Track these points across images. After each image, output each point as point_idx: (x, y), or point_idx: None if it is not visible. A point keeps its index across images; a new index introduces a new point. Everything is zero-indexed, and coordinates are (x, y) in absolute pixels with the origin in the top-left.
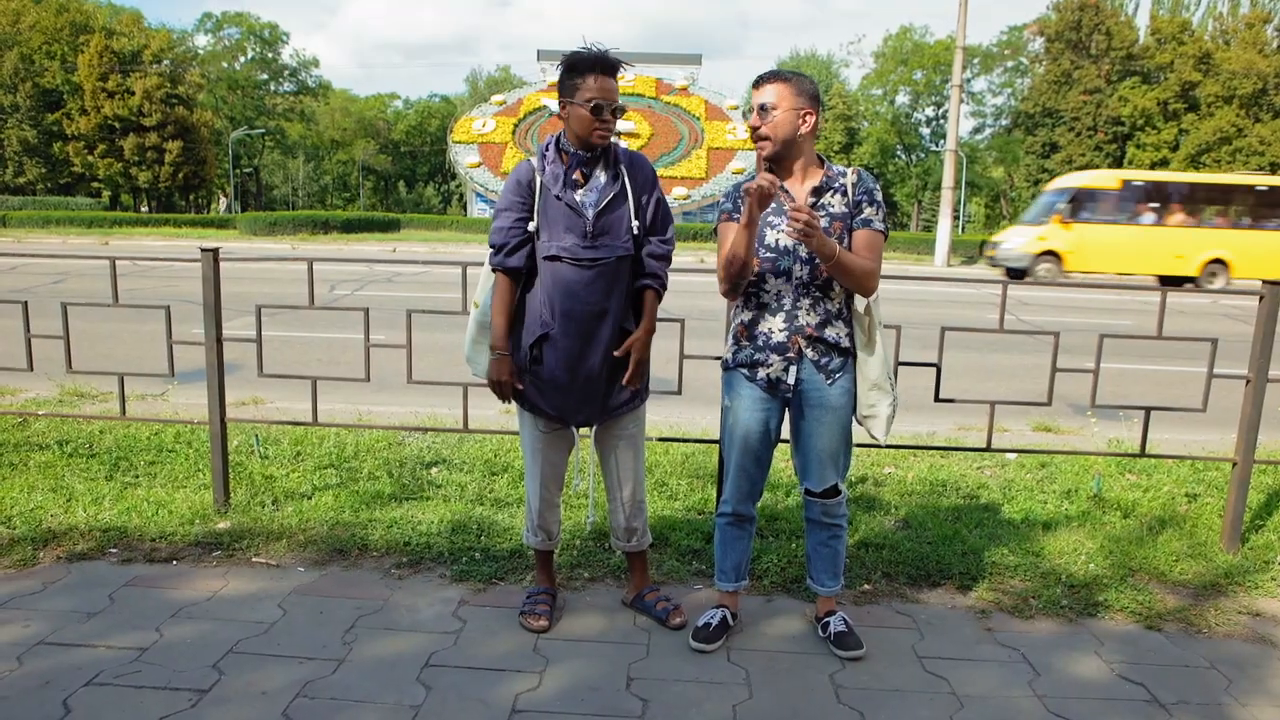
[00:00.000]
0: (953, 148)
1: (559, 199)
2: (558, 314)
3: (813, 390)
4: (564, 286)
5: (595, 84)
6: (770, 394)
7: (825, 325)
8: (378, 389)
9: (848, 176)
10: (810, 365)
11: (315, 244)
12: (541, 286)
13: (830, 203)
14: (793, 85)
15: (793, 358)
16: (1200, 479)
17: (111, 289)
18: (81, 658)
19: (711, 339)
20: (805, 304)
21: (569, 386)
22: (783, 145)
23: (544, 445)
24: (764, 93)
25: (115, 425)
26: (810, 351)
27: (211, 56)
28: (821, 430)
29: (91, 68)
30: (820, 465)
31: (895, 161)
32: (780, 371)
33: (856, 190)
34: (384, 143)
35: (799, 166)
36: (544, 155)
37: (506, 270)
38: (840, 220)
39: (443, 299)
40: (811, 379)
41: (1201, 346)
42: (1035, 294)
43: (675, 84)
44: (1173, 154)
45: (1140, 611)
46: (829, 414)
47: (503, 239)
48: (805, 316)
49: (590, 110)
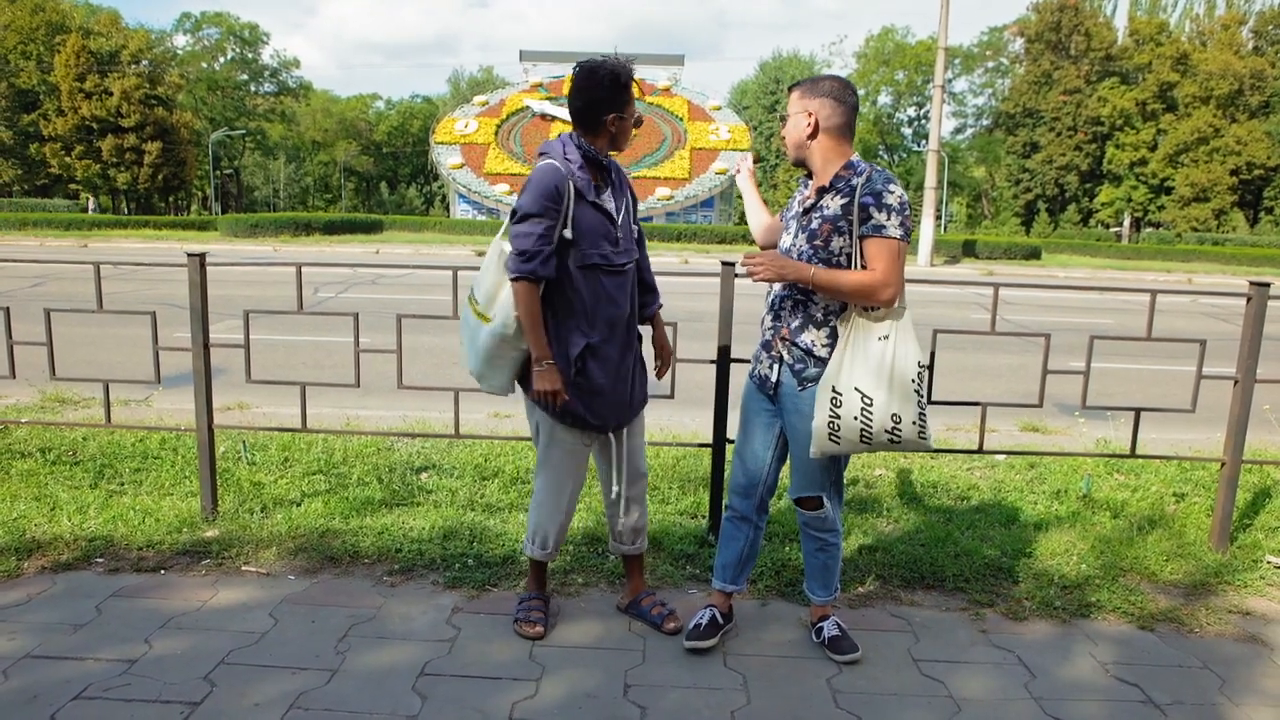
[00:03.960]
0: (935, 148)
1: (595, 206)
2: (599, 323)
3: (789, 395)
4: (605, 294)
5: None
6: (762, 392)
7: (803, 330)
8: (366, 393)
9: (859, 177)
10: (787, 369)
11: (298, 245)
12: (578, 296)
13: (826, 204)
14: (802, 90)
15: (775, 357)
16: (1188, 479)
17: (96, 294)
18: (69, 671)
19: (701, 341)
20: (788, 306)
21: (612, 393)
22: (794, 150)
23: (580, 459)
24: (788, 100)
25: (99, 432)
26: (787, 355)
27: (191, 57)
28: (795, 436)
29: (68, 68)
30: (795, 471)
31: (878, 161)
32: (766, 370)
33: (862, 193)
34: (366, 144)
35: (820, 168)
36: (566, 158)
37: (539, 279)
38: (829, 223)
39: (430, 301)
40: (788, 382)
41: (1186, 345)
42: (1018, 294)
43: (658, 84)
44: (1151, 154)
45: (1132, 612)
46: (799, 420)
47: (535, 246)
48: (787, 317)
49: (635, 123)
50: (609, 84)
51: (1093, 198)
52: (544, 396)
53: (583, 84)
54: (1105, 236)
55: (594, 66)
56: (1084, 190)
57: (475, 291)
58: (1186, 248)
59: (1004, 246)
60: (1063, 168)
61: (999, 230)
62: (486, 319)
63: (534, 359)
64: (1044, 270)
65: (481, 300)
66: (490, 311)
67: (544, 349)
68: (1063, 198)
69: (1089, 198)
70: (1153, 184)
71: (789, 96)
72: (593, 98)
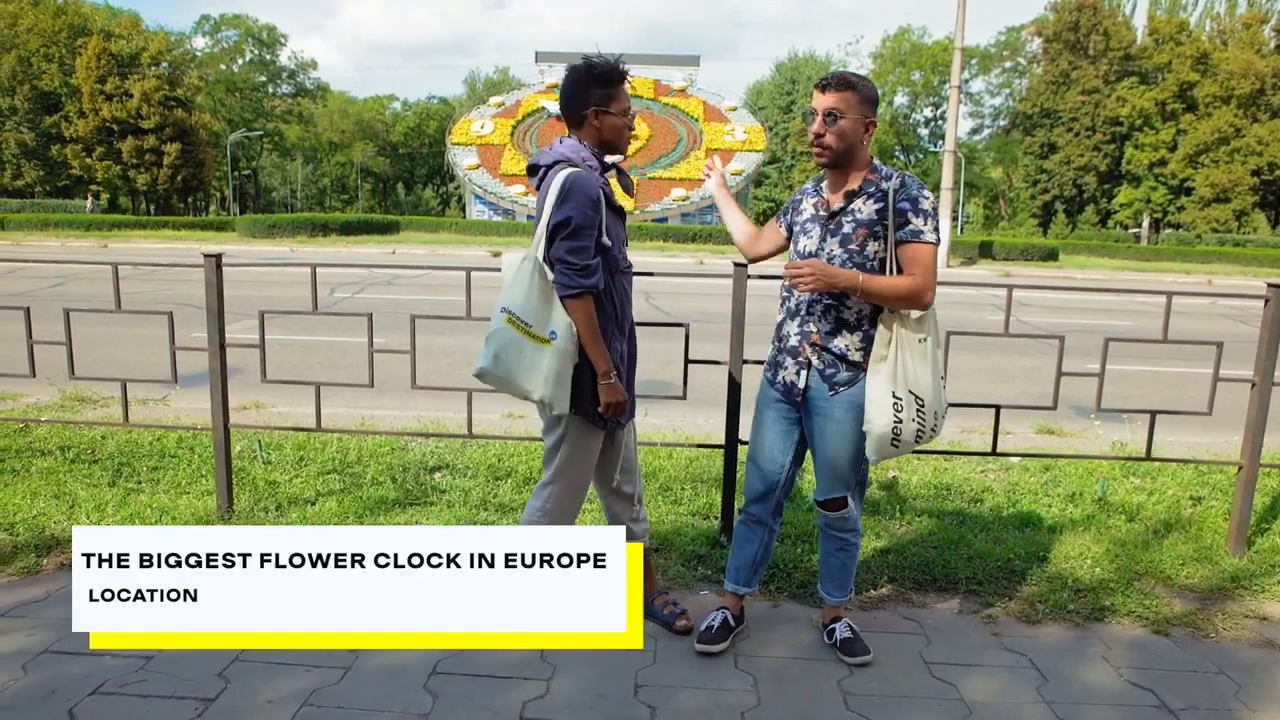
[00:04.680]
0: (951, 148)
1: (617, 211)
2: (626, 326)
3: (818, 399)
4: (628, 298)
5: (624, 93)
6: (786, 398)
7: (834, 335)
8: (381, 393)
9: (891, 181)
10: (817, 374)
11: (314, 246)
12: (610, 303)
13: (859, 208)
14: (859, 92)
15: (803, 363)
16: (1205, 482)
17: (114, 295)
18: (86, 666)
19: (714, 342)
20: (818, 310)
21: (629, 390)
22: (844, 154)
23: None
24: (830, 99)
25: (118, 431)
26: (817, 360)
27: (210, 58)
28: (823, 440)
29: (89, 70)
30: (820, 474)
31: (894, 162)
32: (793, 376)
33: (899, 198)
34: (382, 145)
35: (850, 172)
36: (589, 165)
37: (599, 291)
38: (865, 227)
39: (444, 302)
40: (817, 387)
41: (1204, 348)
42: (1034, 295)
43: (673, 85)
44: (1171, 154)
45: (1147, 616)
46: (830, 424)
47: (592, 259)
48: (816, 323)
49: (626, 119)
50: (586, 78)
51: (1111, 199)
52: (611, 409)
53: (564, 81)
54: (1124, 238)
55: (576, 64)
56: (1102, 191)
57: (518, 313)
58: (1206, 249)
59: (1021, 248)
60: (1081, 168)
61: (1016, 231)
62: (546, 340)
63: (600, 373)
64: (1061, 272)
65: (532, 321)
66: (547, 331)
67: (609, 361)
68: (1080, 199)
69: (1107, 199)
70: (1172, 185)
71: (838, 94)
72: (572, 93)
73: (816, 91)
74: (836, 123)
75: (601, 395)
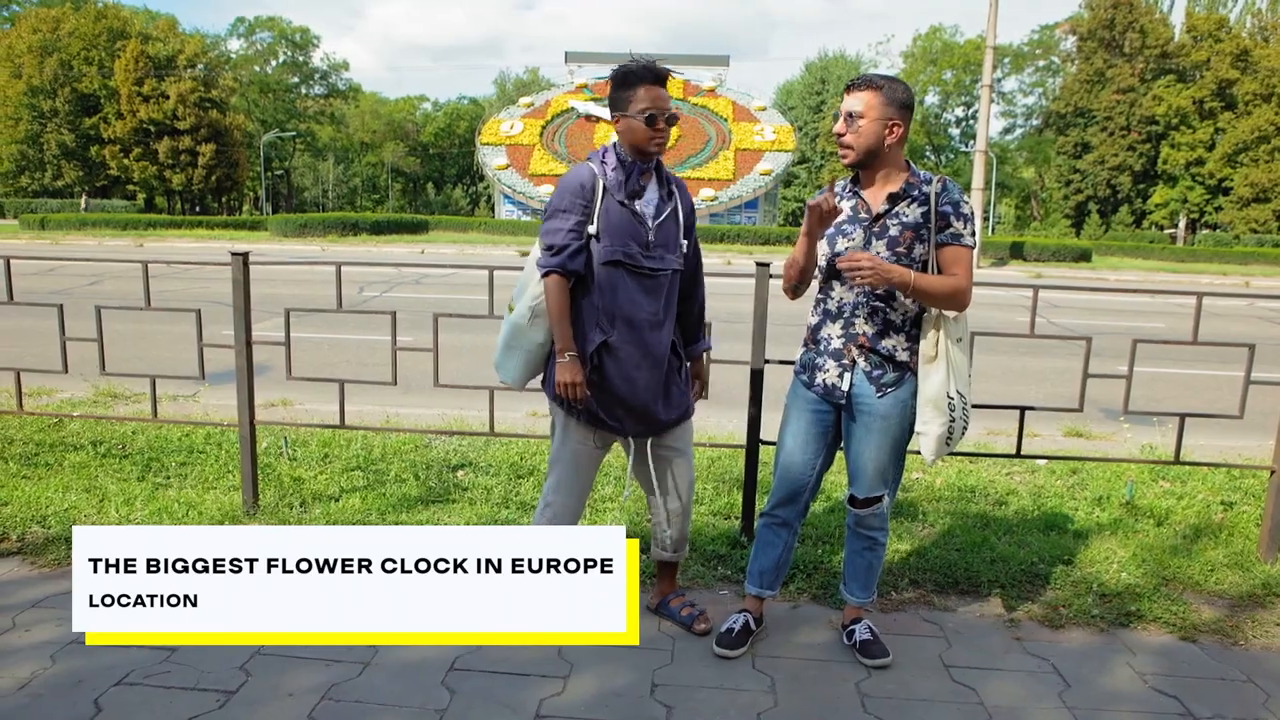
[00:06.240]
0: (983, 148)
1: (623, 205)
2: (618, 321)
3: (863, 400)
4: (626, 293)
5: (646, 94)
6: (825, 400)
7: (882, 336)
8: (405, 391)
9: (931, 185)
10: (863, 375)
11: (345, 245)
12: (598, 293)
13: (905, 211)
14: (883, 94)
15: (847, 364)
16: (1237, 486)
17: (144, 293)
18: (112, 658)
19: (738, 342)
20: (864, 312)
21: (629, 397)
22: (865, 155)
23: (587, 461)
24: (853, 99)
25: (147, 426)
26: (863, 361)
27: (244, 60)
28: (868, 439)
29: (128, 72)
30: (860, 473)
31: (924, 162)
32: (835, 378)
33: (941, 201)
34: (413, 145)
35: (881, 174)
36: (603, 160)
37: (567, 273)
38: (911, 229)
39: (470, 301)
40: (863, 388)
41: (1236, 350)
42: (1065, 297)
43: (703, 85)
44: (1209, 153)
45: (1175, 622)
46: (877, 423)
47: (563, 240)
48: (862, 325)
49: (645, 121)
50: (612, 87)
51: (1146, 199)
52: (563, 389)
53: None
54: (1159, 238)
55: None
56: (1137, 191)
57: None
58: (1245, 250)
59: (1053, 249)
60: (1115, 168)
61: (1048, 232)
62: (512, 309)
63: (557, 351)
64: (1094, 273)
65: (514, 298)
66: (517, 302)
67: (568, 341)
68: (1115, 199)
69: (1142, 199)
70: (1210, 184)
71: (859, 95)
72: (608, 97)
73: (845, 92)
74: (855, 123)
75: (557, 374)
